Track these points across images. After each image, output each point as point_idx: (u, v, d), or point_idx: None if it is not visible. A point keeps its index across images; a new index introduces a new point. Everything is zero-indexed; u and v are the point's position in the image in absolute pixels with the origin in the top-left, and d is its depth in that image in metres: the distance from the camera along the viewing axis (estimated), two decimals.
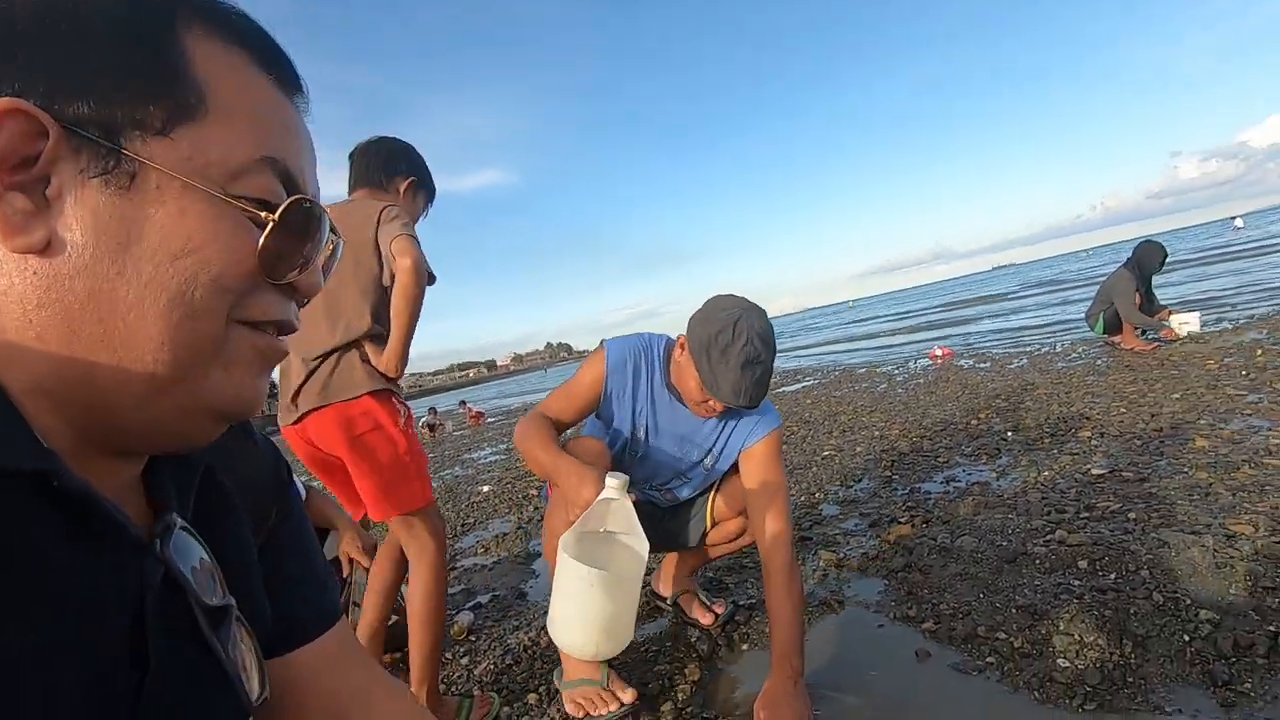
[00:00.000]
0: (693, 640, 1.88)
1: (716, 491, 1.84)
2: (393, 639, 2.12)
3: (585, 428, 1.81)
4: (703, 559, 2.01)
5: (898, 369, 7.95)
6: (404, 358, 1.64)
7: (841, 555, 2.32)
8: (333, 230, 0.49)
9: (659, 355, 1.68)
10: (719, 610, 1.97)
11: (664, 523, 1.90)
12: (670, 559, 2.08)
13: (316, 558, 0.62)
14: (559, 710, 1.64)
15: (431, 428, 11.85)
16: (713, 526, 1.87)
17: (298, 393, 1.63)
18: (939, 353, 8.16)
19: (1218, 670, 1.35)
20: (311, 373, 1.62)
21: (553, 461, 1.46)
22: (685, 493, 1.83)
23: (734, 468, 1.75)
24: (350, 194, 1.80)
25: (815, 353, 14.57)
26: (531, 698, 1.74)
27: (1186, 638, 1.46)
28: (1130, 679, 1.38)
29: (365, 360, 1.63)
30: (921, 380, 6.47)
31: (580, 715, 1.56)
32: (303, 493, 2.07)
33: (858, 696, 1.53)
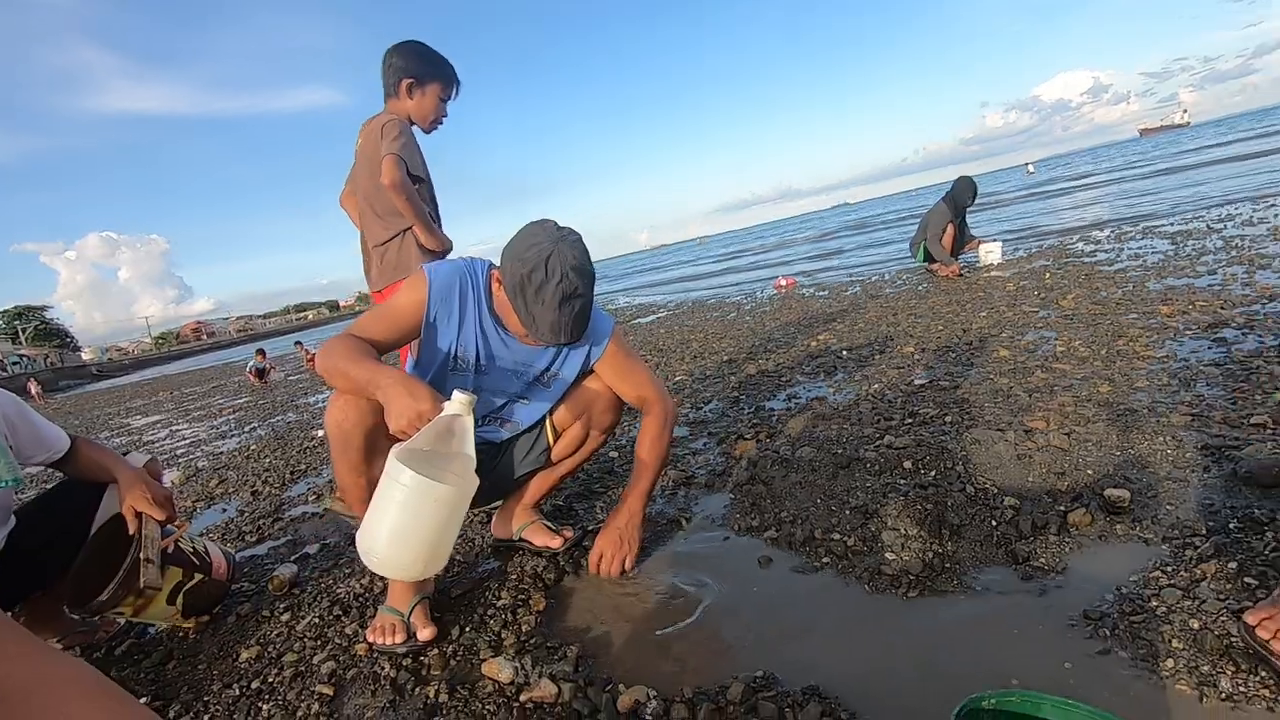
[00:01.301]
0: (539, 571, 1.80)
1: (554, 405, 1.75)
2: (196, 601, 1.85)
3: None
4: (544, 487, 1.91)
5: (745, 299, 8.24)
6: (434, 235, 2.18)
7: (690, 474, 2.32)
8: None
9: (483, 282, 1.54)
10: (568, 534, 1.90)
11: (502, 458, 1.78)
12: (509, 500, 1.95)
13: None
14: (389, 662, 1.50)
15: (260, 373, 10.75)
16: (555, 440, 1.78)
17: (374, 270, 2.23)
18: (783, 283, 8.54)
19: (1019, 549, 1.47)
20: (382, 258, 2.19)
21: (371, 374, 1.28)
22: (525, 417, 1.72)
23: (575, 381, 1.71)
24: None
25: (668, 287, 14.82)
26: (360, 649, 1.58)
27: (993, 523, 1.58)
28: (947, 565, 1.48)
29: (418, 243, 2.15)
30: (767, 308, 6.75)
31: (371, 641, 1.55)
32: (61, 444, 1.71)
33: (705, 605, 1.53)
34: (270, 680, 1.54)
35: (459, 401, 1.21)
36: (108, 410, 12.24)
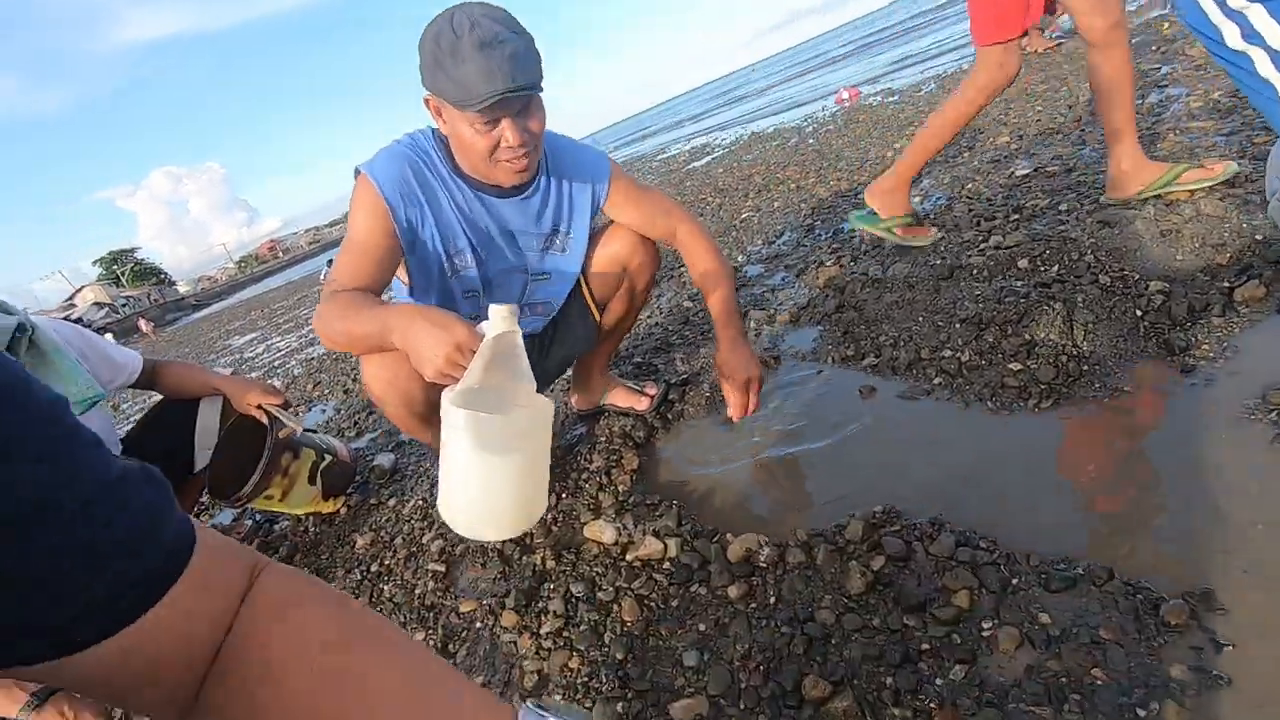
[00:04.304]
0: (628, 430, 1.73)
1: (582, 274, 1.55)
2: (333, 481, 1.92)
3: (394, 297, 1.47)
4: (610, 351, 1.78)
5: (806, 121, 7.56)
6: None
7: (772, 311, 2.16)
8: None
9: (435, 150, 1.29)
10: (651, 393, 1.81)
11: (554, 343, 1.63)
12: (579, 370, 1.83)
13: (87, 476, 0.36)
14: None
15: None
16: (601, 315, 1.61)
17: None
18: (845, 95, 7.73)
19: (1174, 339, 1.26)
20: None
21: (379, 321, 1.06)
22: (555, 294, 1.54)
23: (592, 241, 1.51)
24: None
25: (719, 125, 13.86)
26: None
27: (1138, 313, 1.36)
28: (1085, 368, 1.29)
29: None
30: (831, 126, 6.15)
31: None
32: (135, 363, 1.72)
33: (806, 446, 1.42)
34: (387, 563, 1.59)
35: (500, 316, 0.92)
36: (210, 335, 13.06)
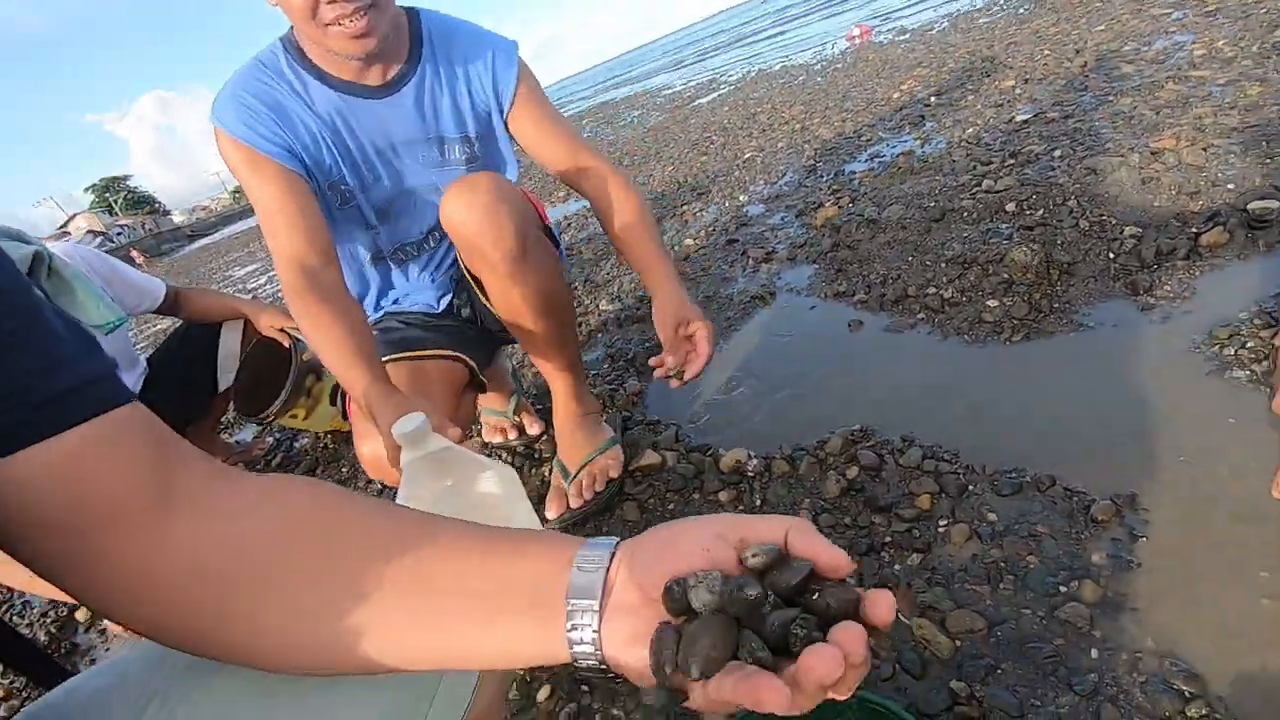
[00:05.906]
0: (630, 357, 1.84)
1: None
2: None
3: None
4: (560, 370, 1.29)
5: (815, 58, 7.41)
6: None
7: (770, 249, 2.24)
8: None
9: (286, 54, 1.04)
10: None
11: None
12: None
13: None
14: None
15: None
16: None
17: None
18: (856, 33, 7.55)
19: (1139, 280, 1.35)
20: None
21: (347, 385, 0.92)
22: None
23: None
24: None
25: (725, 61, 13.49)
26: (480, 440, 1.72)
27: (1110, 255, 1.45)
28: (1056, 305, 1.39)
29: None
30: (840, 65, 6.05)
31: (487, 440, 1.61)
32: (159, 289, 1.81)
33: (796, 374, 1.54)
34: None
35: (405, 437, 0.76)
36: (210, 266, 13.03)
